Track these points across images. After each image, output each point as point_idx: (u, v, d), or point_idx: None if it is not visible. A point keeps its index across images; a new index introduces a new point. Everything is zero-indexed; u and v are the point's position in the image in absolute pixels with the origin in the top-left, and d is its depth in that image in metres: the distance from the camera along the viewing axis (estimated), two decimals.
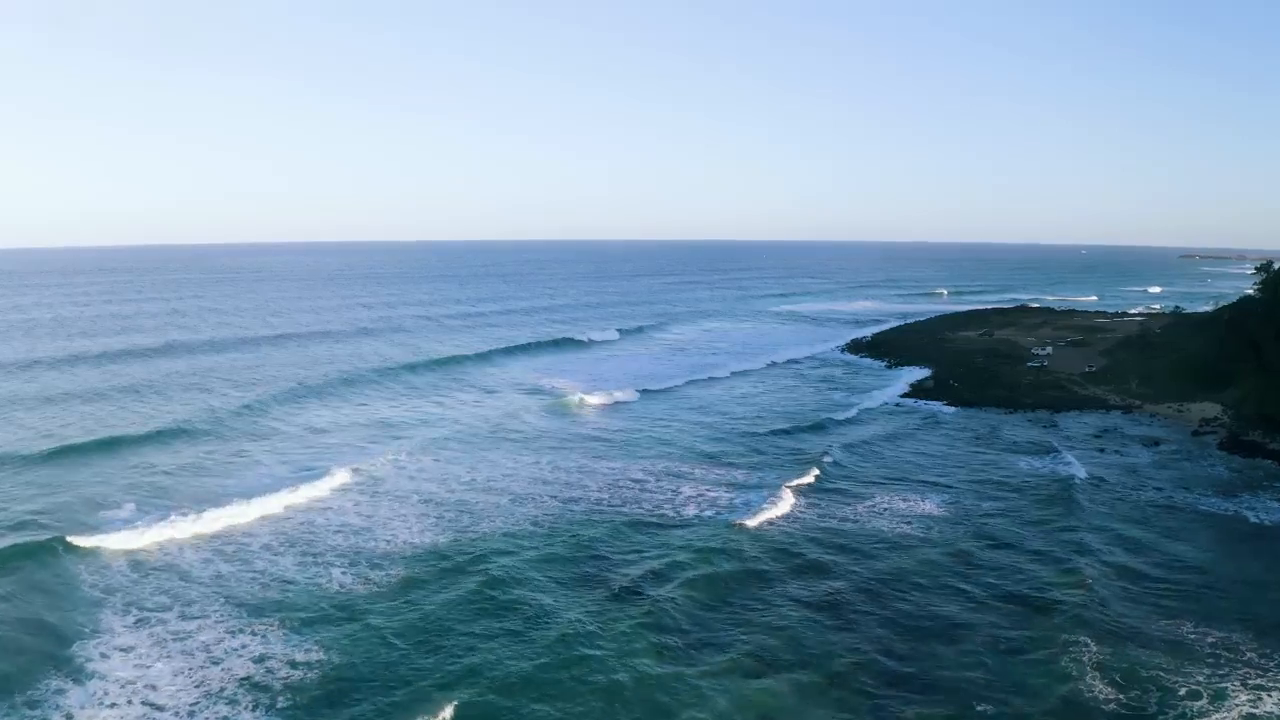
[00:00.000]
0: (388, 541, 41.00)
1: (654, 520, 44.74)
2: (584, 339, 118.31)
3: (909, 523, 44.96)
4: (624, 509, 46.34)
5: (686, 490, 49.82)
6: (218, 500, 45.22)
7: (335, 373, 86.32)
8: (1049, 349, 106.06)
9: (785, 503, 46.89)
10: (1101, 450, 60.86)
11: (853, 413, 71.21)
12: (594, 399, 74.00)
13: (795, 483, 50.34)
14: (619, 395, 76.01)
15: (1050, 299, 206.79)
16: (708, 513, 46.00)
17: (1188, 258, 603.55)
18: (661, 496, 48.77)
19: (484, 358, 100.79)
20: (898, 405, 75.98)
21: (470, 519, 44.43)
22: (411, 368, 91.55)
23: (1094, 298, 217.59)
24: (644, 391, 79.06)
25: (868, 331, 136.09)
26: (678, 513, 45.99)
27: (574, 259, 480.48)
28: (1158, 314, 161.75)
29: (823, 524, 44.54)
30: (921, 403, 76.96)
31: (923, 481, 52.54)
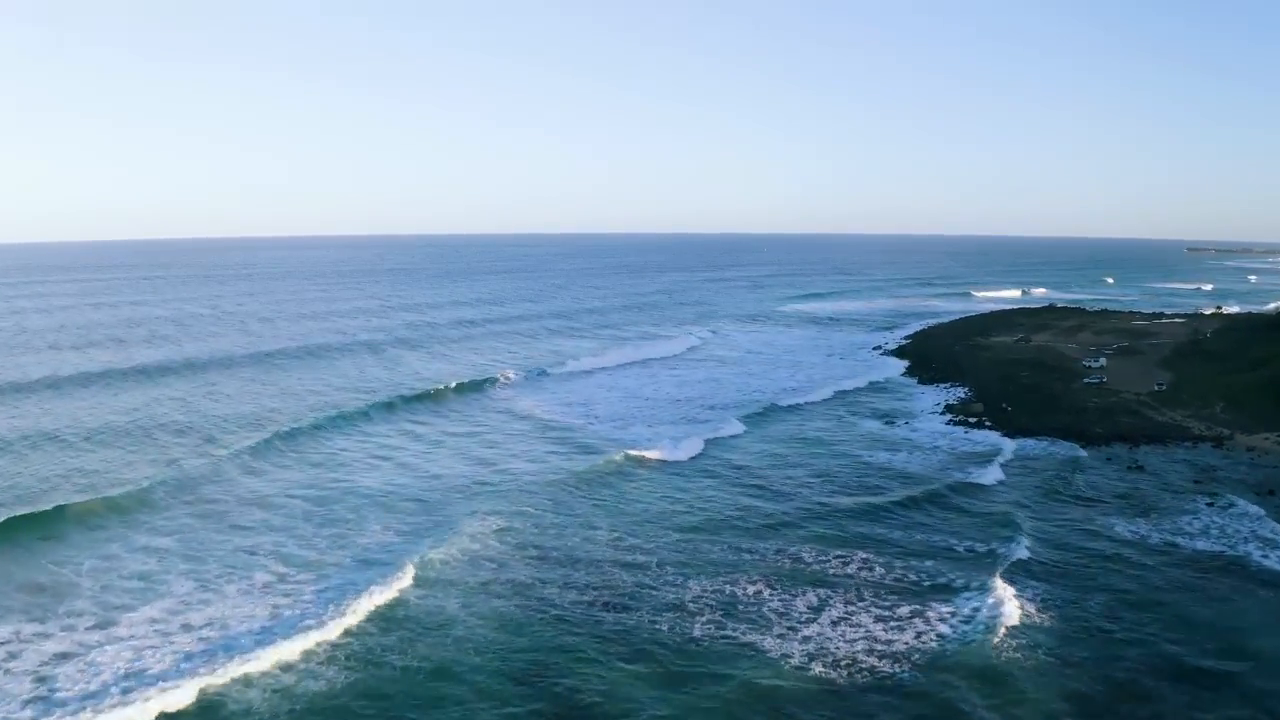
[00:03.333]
0: None
1: (841, 677, 29.62)
2: (653, 355, 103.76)
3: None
4: (793, 646, 31.61)
5: (861, 622, 33.96)
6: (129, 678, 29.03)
7: (357, 401, 73.08)
8: (1102, 360, 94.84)
9: (1001, 628, 32.77)
10: (1211, 503, 49.84)
11: (989, 471, 55.84)
12: (692, 442, 60.77)
13: (1001, 585, 36.25)
14: (721, 430, 64.80)
15: (1077, 297, 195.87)
16: (914, 645, 31.71)
17: (1196, 251, 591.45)
18: (832, 617, 33.78)
19: (538, 379, 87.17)
20: (1020, 451, 61.56)
21: (546, 658, 30.75)
22: (463, 390, 78.31)
23: (1124, 295, 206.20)
24: (747, 417, 68.11)
25: (895, 335, 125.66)
26: (873, 657, 30.94)
27: (586, 254, 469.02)
28: (1199, 314, 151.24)
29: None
30: (977, 433, 65.80)
31: (1135, 567, 39.97)
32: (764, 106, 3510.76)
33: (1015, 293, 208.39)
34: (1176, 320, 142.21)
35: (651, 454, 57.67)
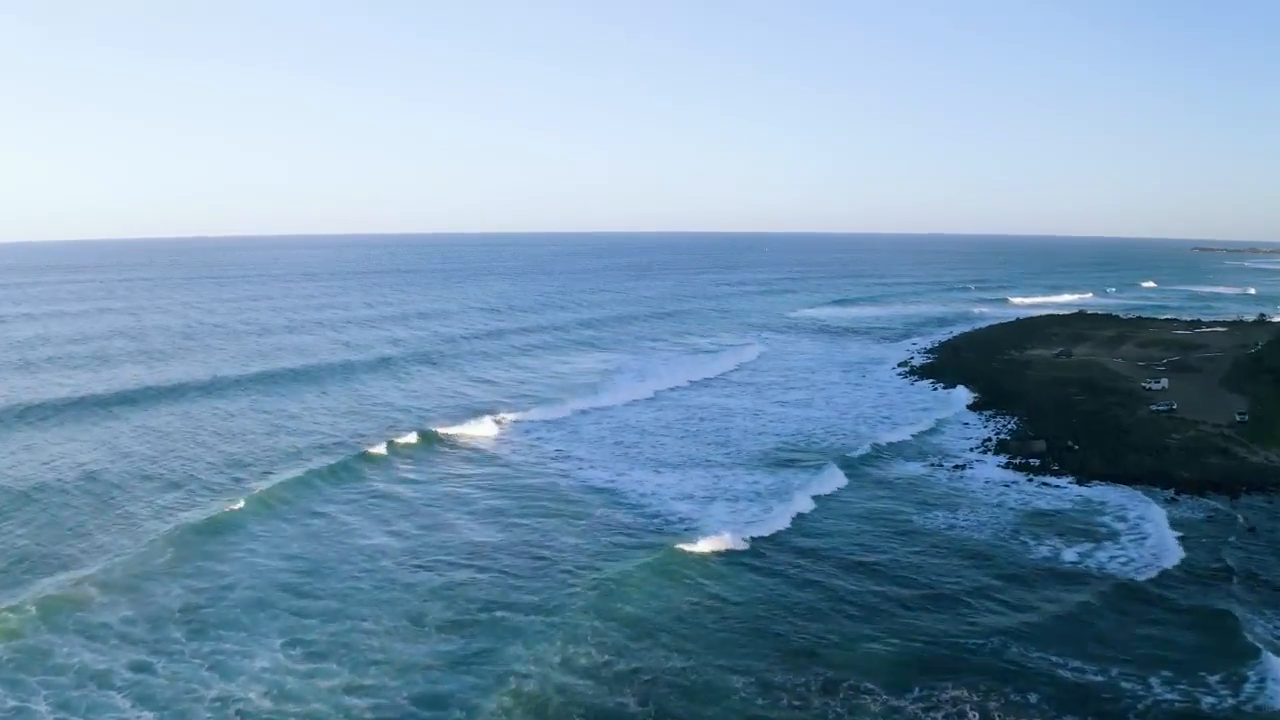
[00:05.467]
0: None
1: None
2: (697, 377, 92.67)
3: None
4: None
5: None
6: None
7: (353, 441, 61.89)
8: (1163, 381, 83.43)
9: None
10: None
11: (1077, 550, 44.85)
12: (804, 497, 51.67)
13: None
14: (823, 485, 54.48)
15: (1127, 302, 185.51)
16: None
17: (1204, 251, 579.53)
18: None
19: (576, 416, 73.77)
20: (1108, 508, 51.19)
21: None
22: (482, 431, 65.96)
23: (1167, 300, 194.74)
24: (848, 467, 57.76)
25: (925, 349, 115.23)
26: None
27: (590, 253, 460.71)
28: (1241, 322, 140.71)
29: None
30: (1052, 483, 55.31)
31: None
32: (766, 104, 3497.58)
33: (1067, 297, 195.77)
34: (1219, 329, 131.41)
35: (697, 546, 44.24)
